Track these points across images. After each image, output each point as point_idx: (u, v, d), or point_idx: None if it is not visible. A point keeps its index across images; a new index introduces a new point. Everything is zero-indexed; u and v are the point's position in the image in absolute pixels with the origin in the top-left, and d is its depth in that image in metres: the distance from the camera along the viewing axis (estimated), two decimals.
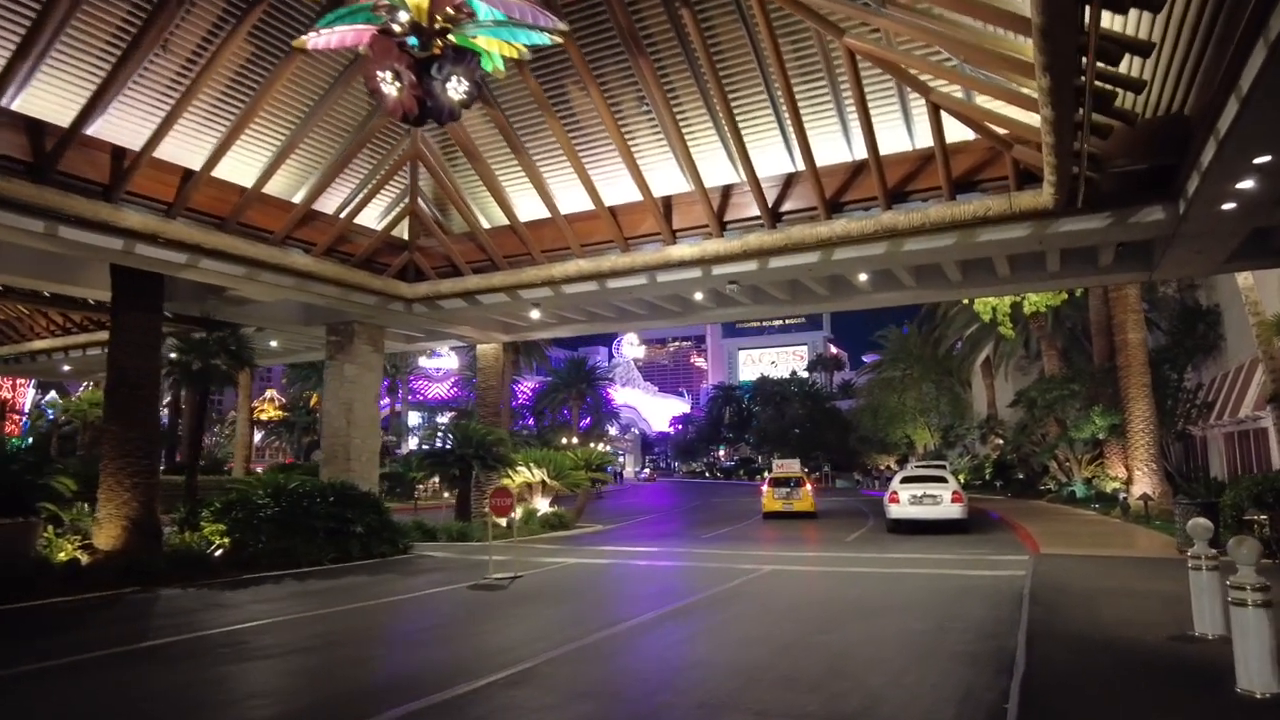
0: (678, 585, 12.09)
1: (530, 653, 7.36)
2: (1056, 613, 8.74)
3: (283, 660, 7.50)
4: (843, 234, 11.48)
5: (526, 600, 10.77)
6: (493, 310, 17.31)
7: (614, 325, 19.42)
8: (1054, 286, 15.84)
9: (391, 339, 21.87)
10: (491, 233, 15.35)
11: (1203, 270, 13.40)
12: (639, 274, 14.39)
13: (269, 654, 7.72)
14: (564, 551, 16.87)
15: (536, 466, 23.49)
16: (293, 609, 10.08)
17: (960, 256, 13.13)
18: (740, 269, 13.60)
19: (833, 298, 16.47)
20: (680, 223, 13.40)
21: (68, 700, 6.16)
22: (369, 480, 18.73)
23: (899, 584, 11.64)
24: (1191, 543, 7.71)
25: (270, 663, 7.39)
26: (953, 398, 47.61)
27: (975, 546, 16.16)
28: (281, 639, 8.35)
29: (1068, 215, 11.32)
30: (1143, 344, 22.51)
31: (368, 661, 7.54)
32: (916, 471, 21.99)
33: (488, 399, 22.53)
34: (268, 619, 9.38)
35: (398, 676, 6.73)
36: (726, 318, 18.09)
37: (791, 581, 12.32)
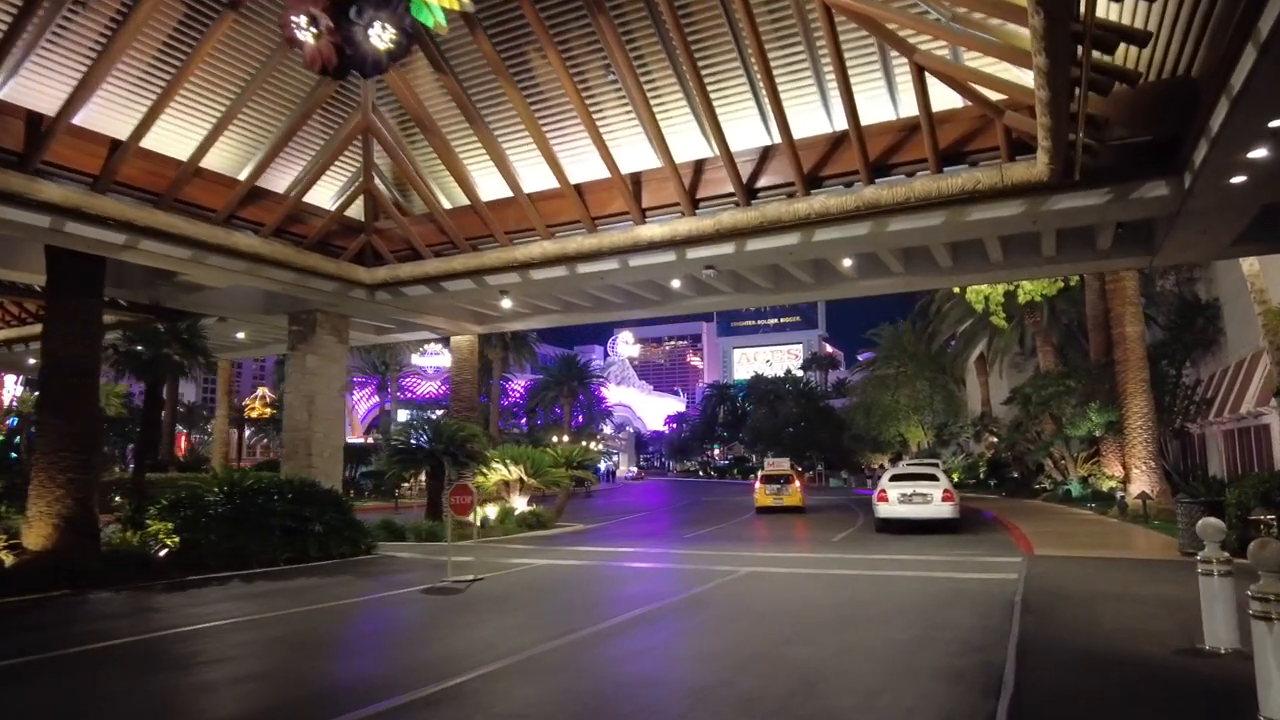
0: (647, 589, 11.28)
1: (466, 666, 6.62)
2: (1050, 621, 7.94)
3: (185, 673, 6.70)
4: (821, 211, 10.64)
5: (480, 606, 10.04)
6: (460, 298, 16.45)
7: (590, 315, 18.60)
8: (1049, 272, 15.01)
9: (360, 330, 21.02)
10: (452, 213, 14.47)
11: (1207, 254, 12.63)
12: (609, 258, 13.55)
13: (175, 665, 6.97)
14: (536, 552, 16.09)
15: (513, 464, 22.66)
16: (225, 614, 9.29)
17: (949, 238, 12.31)
18: (716, 252, 12.77)
19: (817, 285, 15.64)
20: (650, 201, 12.54)
21: None
22: (332, 476, 17.88)
23: (883, 588, 10.83)
24: (1198, 545, 6.96)
25: (170, 675, 6.62)
26: (947, 395, 46.88)
27: (966, 547, 15.39)
28: (196, 648, 7.59)
29: (1064, 191, 10.52)
30: (1141, 337, 21.76)
31: (282, 675, 6.74)
32: (906, 469, 21.19)
33: (462, 393, 21.68)
34: (191, 625, 8.63)
35: (310, 694, 6.04)
36: (707, 307, 17.27)
37: (769, 585, 11.51)
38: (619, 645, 7.63)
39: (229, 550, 13.30)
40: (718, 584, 11.48)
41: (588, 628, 8.30)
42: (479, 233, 14.08)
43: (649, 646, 7.58)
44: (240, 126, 12.59)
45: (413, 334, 21.08)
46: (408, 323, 19.98)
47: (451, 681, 6.14)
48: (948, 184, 9.84)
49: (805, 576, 12.22)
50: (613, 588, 11.49)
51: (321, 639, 8.26)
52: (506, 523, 21.52)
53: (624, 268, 13.68)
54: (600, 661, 7.02)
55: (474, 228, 14.07)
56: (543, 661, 6.93)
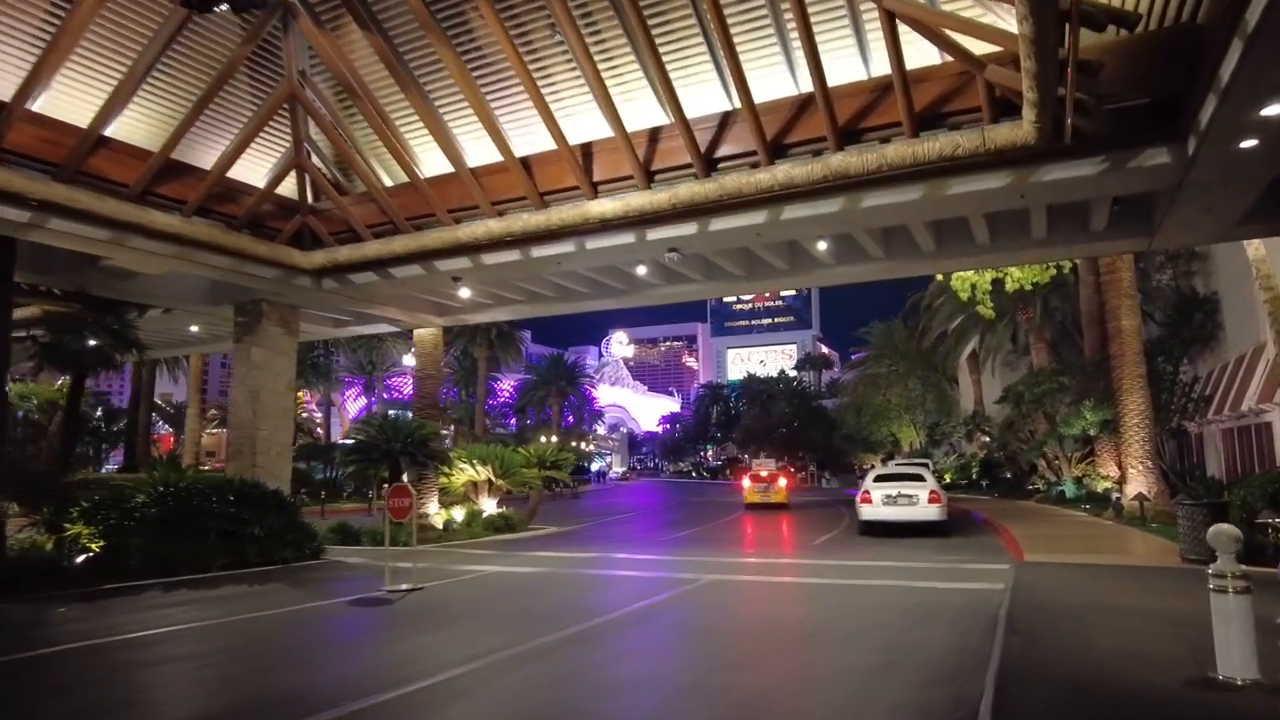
0: (597, 600, 10.24)
1: (351, 694, 5.66)
2: (1038, 642, 6.89)
3: (25, 701, 5.66)
4: (785, 182, 9.59)
5: (406, 620, 9.09)
6: (411, 286, 15.36)
7: (556, 306, 17.52)
8: (1040, 256, 13.97)
9: (316, 323, 19.91)
10: (394, 191, 13.37)
11: (1211, 235, 11.64)
12: (564, 240, 12.49)
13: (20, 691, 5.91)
14: (496, 558, 15.09)
15: (481, 464, 21.60)
16: (112, 629, 8.33)
17: (930, 215, 11.28)
18: (677, 233, 11.72)
19: (793, 271, 14.59)
20: (603, 174, 11.46)
21: None
22: (278, 477, 16.79)
23: (854, 600, 9.79)
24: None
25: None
26: (939, 394, 45.91)
27: (952, 552, 14.37)
28: (56, 672, 6.56)
29: (1054, 160, 9.50)
30: (1137, 331, 20.75)
31: (143, 705, 5.72)
32: (891, 469, 20.18)
33: (426, 389, 20.58)
34: (68, 644, 7.62)
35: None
36: (679, 296, 16.24)
37: (730, 596, 10.46)
38: (540, 669, 6.58)
39: (157, 556, 12.44)
40: (676, 594, 10.46)
41: (514, 647, 7.26)
42: (421, 212, 12.99)
43: (572, 672, 6.53)
44: (156, 95, 11.50)
45: (371, 326, 19.98)
46: (365, 314, 18.87)
47: (325, 714, 5.14)
48: (924, 149, 8.80)
49: (772, 586, 11.19)
50: (561, 599, 10.43)
51: (212, 661, 7.20)
52: (473, 525, 20.54)
53: (581, 251, 12.62)
54: (510, 691, 5.96)
55: (416, 207, 12.98)
56: (443, 691, 5.91)
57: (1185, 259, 26.66)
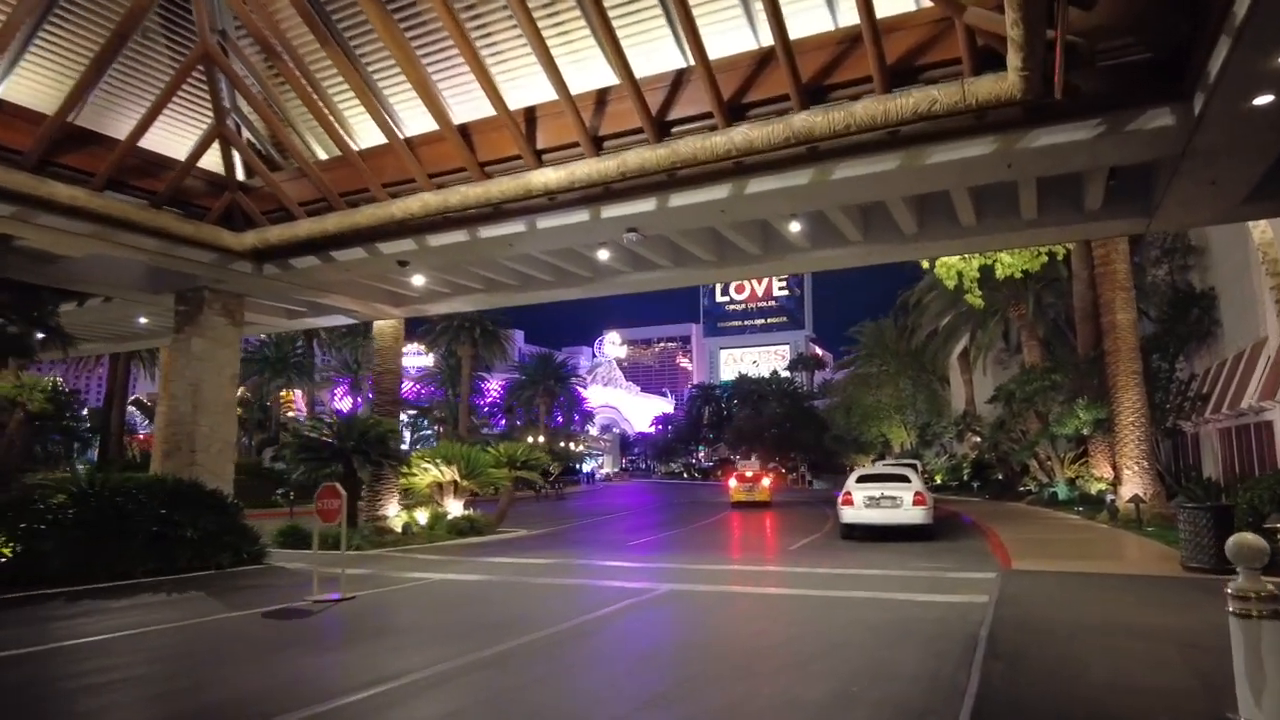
0: (538, 613, 9.22)
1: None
2: (1023, 669, 5.89)
3: None
4: (744, 146, 8.55)
5: (315, 636, 8.16)
6: (358, 271, 14.29)
7: (518, 295, 16.45)
8: (1031, 239, 12.95)
9: (267, 313, 18.81)
10: (328, 165, 12.30)
11: (1214, 214, 10.68)
12: (513, 220, 11.45)
13: None
14: (448, 564, 14.10)
15: (445, 464, 20.55)
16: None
17: (909, 189, 10.27)
18: (635, 210, 10.69)
19: (765, 255, 13.56)
20: (547, 141, 10.41)
21: None
22: (220, 476, 15.72)
23: (821, 614, 8.79)
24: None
25: None
26: (930, 394, 45.01)
27: (935, 558, 13.38)
28: None
29: (1044, 124, 8.51)
30: (1133, 326, 19.81)
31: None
32: (875, 470, 19.20)
33: (384, 385, 19.49)
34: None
35: None
36: (647, 284, 15.20)
37: (686, 609, 9.45)
38: (436, 701, 5.55)
39: (75, 562, 11.63)
40: (626, 606, 9.45)
41: (417, 671, 6.26)
42: (356, 187, 11.92)
43: (471, 704, 5.50)
44: (58, 54, 10.42)
45: (326, 318, 18.88)
46: (319, 305, 17.78)
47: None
48: (897, 106, 7.77)
49: (734, 597, 10.16)
50: (499, 612, 9.41)
51: (65, 686, 6.14)
52: (437, 529, 19.53)
53: (532, 231, 11.57)
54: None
55: (351, 182, 11.91)
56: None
57: (1182, 253, 25.80)
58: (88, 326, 21.15)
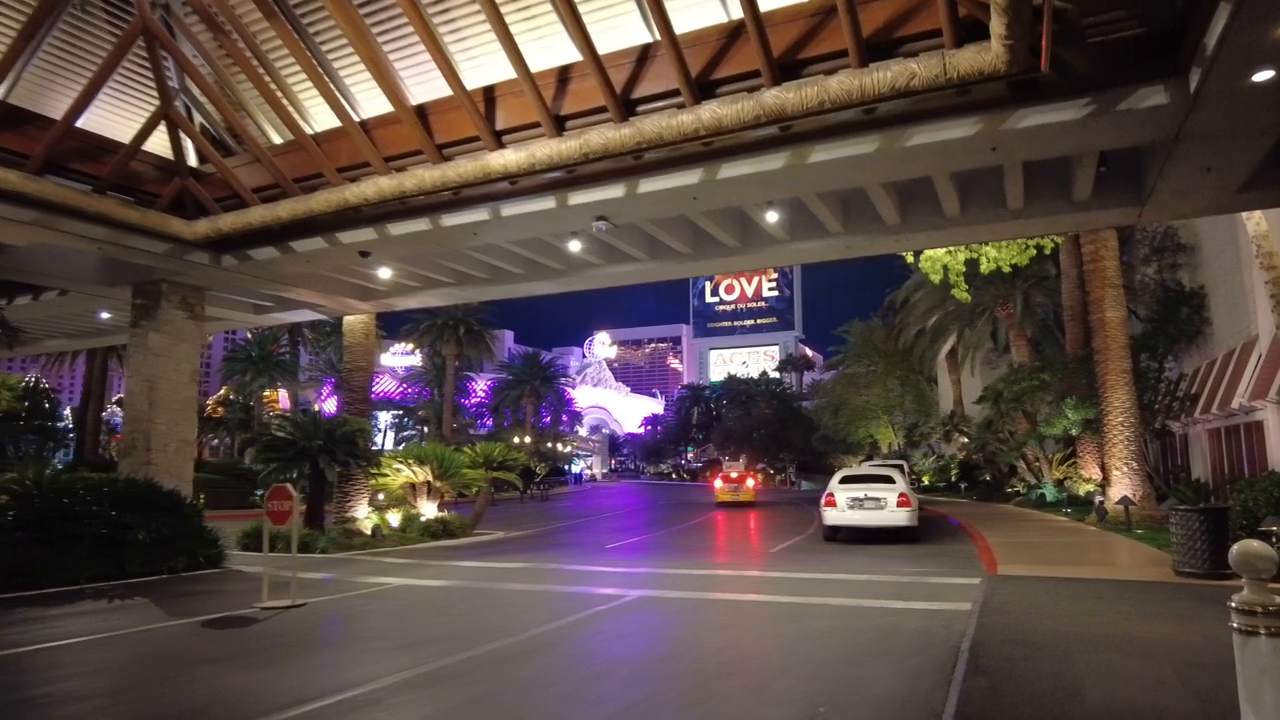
0: (497, 622, 8.66)
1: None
2: (1007, 689, 5.36)
3: None
4: (712, 124, 8.01)
5: (250, 649, 7.69)
6: (319, 263, 13.67)
7: (490, 289, 15.86)
8: (1017, 231, 12.45)
9: (232, 308, 18.14)
10: (281, 150, 11.67)
11: (1209, 204, 10.21)
12: (476, 207, 10.89)
13: None
14: (414, 568, 13.56)
15: (418, 464, 19.95)
16: None
17: (889, 174, 9.76)
18: (603, 196, 10.14)
19: (744, 248, 13.03)
20: (508, 121, 9.83)
21: None
22: (178, 476, 15.09)
23: (794, 623, 8.26)
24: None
25: None
26: (918, 394, 44.63)
27: (919, 562, 12.91)
28: None
29: (1031, 103, 8.02)
30: (1123, 324, 19.41)
31: None
32: (859, 470, 18.73)
33: (354, 382, 18.85)
34: None
35: None
36: (621, 278, 14.64)
37: (651, 618, 8.91)
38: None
39: (17, 566, 11.02)
40: (590, 615, 8.92)
41: (347, 691, 5.73)
42: (310, 172, 11.31)
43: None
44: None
45: (294, 313, 18.25)
46: (286, 300, 17.14)
47: None
48: (874, 80, 7.24)
49: (706, 604, 9.62)
50: (454, 621, 8.84)
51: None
52: (409, 531, 18.94)
53: (496, 219, 11.00)
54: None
55: (306, 166, 11.28)
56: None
57: (1171, 251, 25.44)
58: (47, 322, 20.43)
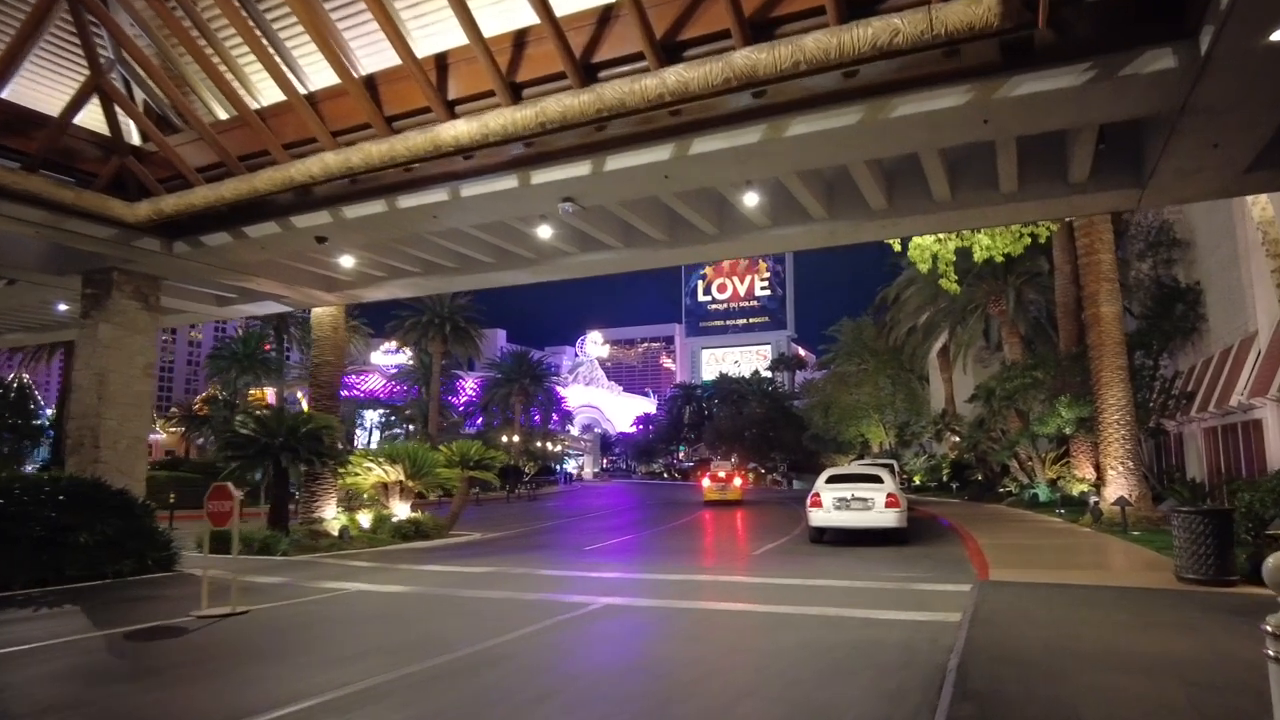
0: (447, 633, 7.99)
1: None
2: (997, 715, 4.70)
3: None
4: (678, 89, 7.32)
5: (168, 664, 7.18)
6: (276, 250, 12.93)
7: (460, 278, 15.13)
8: (1010, 216, 11.79)
9: (194, 299, 17.36)
10: (225, 126, 10.90)
11: (1214, 185, 9.58)
12: (434, 187, 10.18)
13: None
14: (375, 572, 12.88)
15: (390, 463, 19.21)
16: None
17: (874, 150, 9.09)
18: (568, 174, 9.45)
19: (722, 235, 12.36)
20: (460, 90, 9.11)
21: None
22: (129, 474, 14.32)
23: (767, 635, 7.60)
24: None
25: None
26: (909, 393, 44.06)
27: (907, 566, 12.26)
28: None
29: (1026, 69, 7.37)
30: (1118, 319, 18.83)
31: None
32: (846, 469, 18.08)
33: (322, 377, 18.09)
34: None
35: None
36: (594, 268, 13.93)
37: (615, 628, 8.22)
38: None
39: None
40: (550, 625, 8.23)
41: (262, 715, 5.00)
42: (256, 149, 10.55)
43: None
44: None
45: (259, 305, 17.49)
46: (248, 290, 16.37)
47: None
48: (853, 38, 6.57)
49: (676, 613, 8.93)
50: (401, 633, 8.13)
51: None
52: (380, 532, 18.22)
53: (456, 200, 10.30)
54: None
55: (251, 143, 10.54)
56: None
57: (1167, 246, 24.91)
58: (2, 313, 19.60)
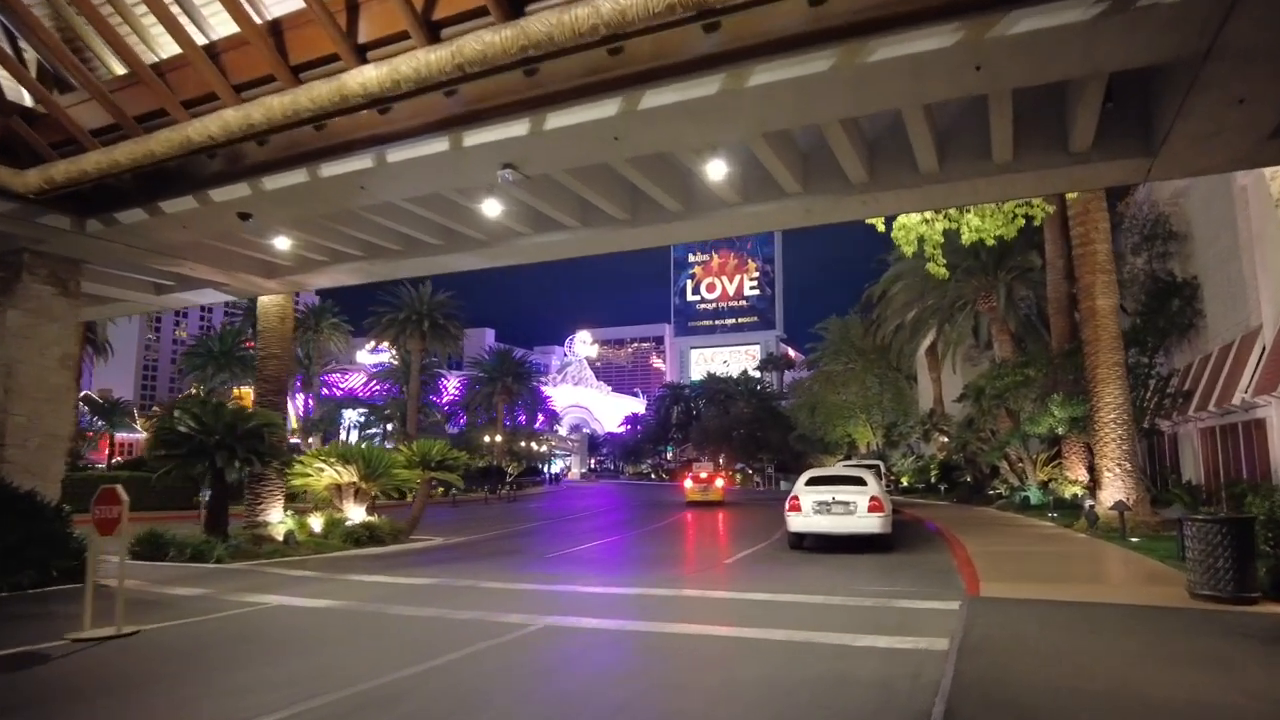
0: (354, 662, 6.86)
1: None
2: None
3: None
4: (614, 19, 6.08)
5: (22, 702, 5.64)
6: (199, 229, 11.69)
7: (406, 262, 13.92)
8: (1004, 190, 10.66)
9: (126, 286, 16.03)
10: (121, 83, 9.67)
11: (1233, 152, 8.49)
12: (358, 153, 9.02)
13: None
14: (309, 583, 11.78)
15: (342, 464, 17.98)
16: None
17: (850, 107, 7.95)
18: (503, 135, 8.30)
19: (688, 213, 11.23)
20: (372, 32, 7.89)
21: None
22: (42, 475, 13.02)
23: (718, 671, 6.46)
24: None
25: None
26: (896, 392, 43.10)
27: (890, 577, 11.18)
28: None
29: (1025, 2, 6.27)
30: (1114, 312, 17.82)
31: None
32: (828, 471, 17.01)
33: (268, 371, 16.83)
34: None
35: None
36: (551, 250, 12.71)
37: (546, 658, 7.07)
38: None
39: None
40: (474, 651, 7.10)
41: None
42: (153, 108, 9.33)
43: None
44: None
45: (197, 293, 16.17)
46: (186, 277, 15.11)
47: None
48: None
49: (622, 638, 7.78)
50: (303, 661, 6.97)
51: None
52: (331, 537, 17.02)
53: (382, 166, 9.13)
54: None
55: (148, 101, 9.30)
56: None
57: (1162, 239, 23.96)
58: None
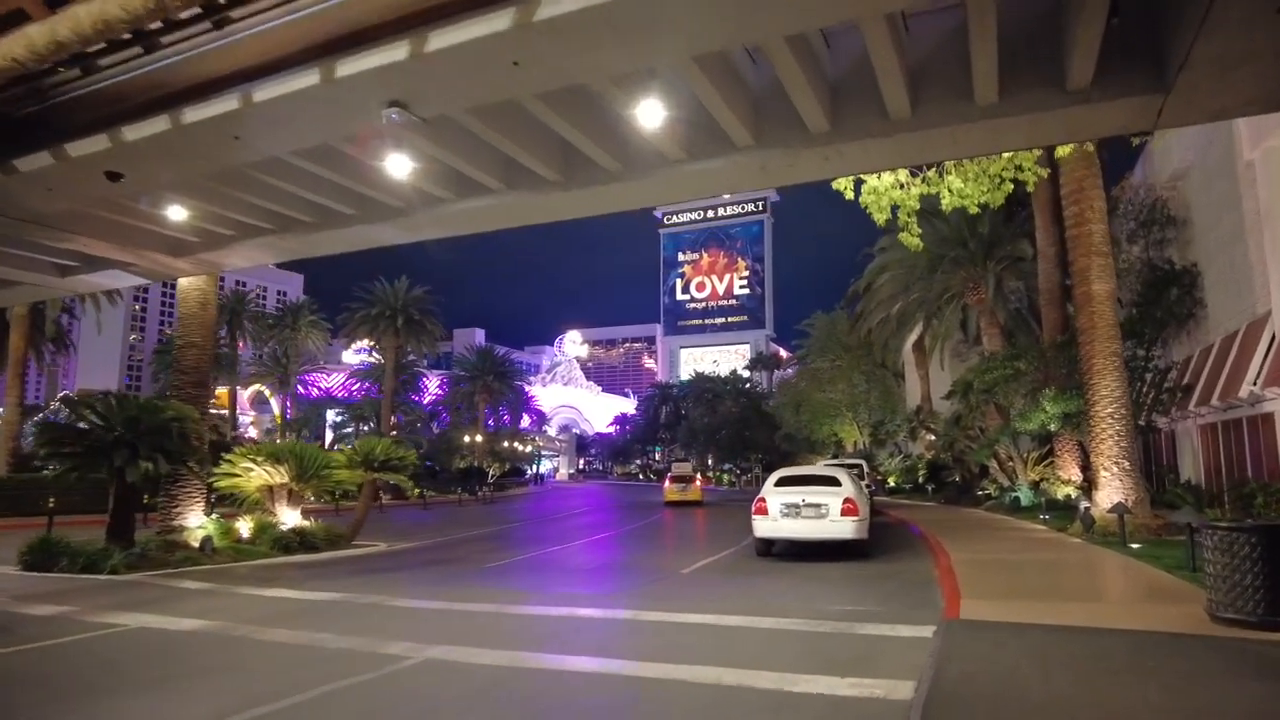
0: (188, 705, 5.54)
1: None
2: None
3: None
4: None
5: None
6: (63, 191, 10.03)
7: (321, 237, 12.29)
8: (988, 140, 9.02)
9: (25, 267, 14.41)
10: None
11: (1261, 85, 7.03)
12: (220, 95, 7.54)
13: None
14: (191, 598, 10.53)
15: (273, 463, 16.41)
16: None
17: (798, 19, 6.45)
18: (381, 61, 6.81)
19: (629, 173, 9.74)
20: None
21: None
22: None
23: (631, 715, 5.01)
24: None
25: None
26: (883, 390, 41.75)
27: (859, 592, 9.77)
28: None
29: None
30: (1111, 298, 16.45)
31: None
32: (799, 470, 15.57)
33: (186, 361, 15.25)
34: None
35: None
36: (476, 219, 11.00)
37: (408, 707, 5.59)
38: None
39: None
40: (328, 691, 5.76)
41: None
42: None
43: None
44: None
45: (104, 274, 14.52)
46: (89, 257, 13.57)
47: None
48: None
49: (512, 678, 6.28)
50: (128, 703, 5.53)
51: None
52: (259, 542, 15.53)
53: (251, 109, 7.62)
54: None
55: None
56: None
57: (1160, 224, 22.67)
58: None
